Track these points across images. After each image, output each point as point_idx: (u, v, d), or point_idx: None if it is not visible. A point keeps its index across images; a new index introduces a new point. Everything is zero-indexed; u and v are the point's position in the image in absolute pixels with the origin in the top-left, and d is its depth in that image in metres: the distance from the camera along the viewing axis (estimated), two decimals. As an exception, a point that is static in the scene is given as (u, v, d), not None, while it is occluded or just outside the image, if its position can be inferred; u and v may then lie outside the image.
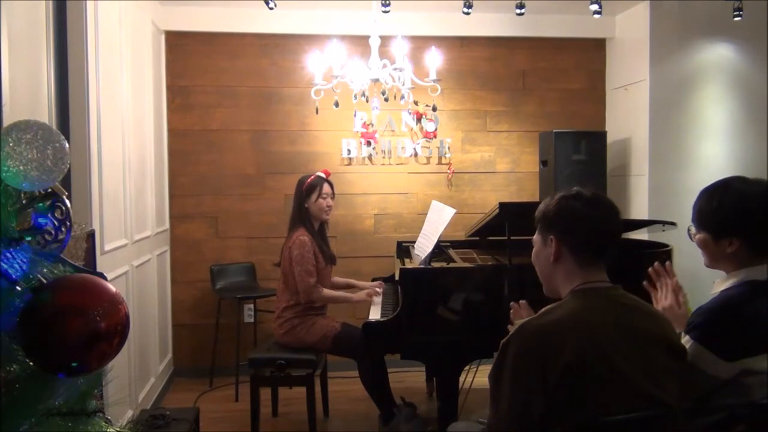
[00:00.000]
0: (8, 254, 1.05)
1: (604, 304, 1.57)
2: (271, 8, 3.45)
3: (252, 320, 4.63)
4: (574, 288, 1.60)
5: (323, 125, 4.68)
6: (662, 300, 1.91)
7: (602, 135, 4.56)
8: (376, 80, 3.44)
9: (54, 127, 1.89)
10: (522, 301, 1.91)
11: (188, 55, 4.62)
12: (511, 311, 1.92)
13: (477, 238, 3.92)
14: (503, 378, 1.52)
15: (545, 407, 1.45)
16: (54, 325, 1.04)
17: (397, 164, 4.81)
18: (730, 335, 1.62)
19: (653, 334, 1.55)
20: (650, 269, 1.97)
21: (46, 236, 1.17)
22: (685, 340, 1.66)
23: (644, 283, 1.97)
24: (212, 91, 4.66)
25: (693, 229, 1.79)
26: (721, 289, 1.73)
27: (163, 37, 4.52)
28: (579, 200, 1.63)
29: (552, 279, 1.67)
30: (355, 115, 4.68)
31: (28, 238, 1.13)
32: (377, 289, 3.62)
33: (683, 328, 1.84)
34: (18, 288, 1.06)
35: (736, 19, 3.82)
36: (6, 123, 1.15)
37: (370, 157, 4.77)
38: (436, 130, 4.78)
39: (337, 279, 3.80)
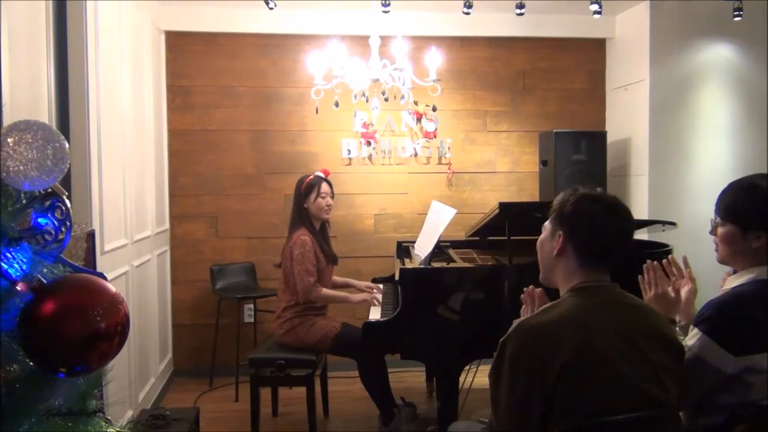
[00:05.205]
0: (8, 254, 1.05)
1: (602, 303, 1.57)
2: (271, 8, 3.45)
3: (252, 320, 4.62)
4: (572, 286, 1.60)
5: (323, 125, 4.68)
6: (653, 287, 1.90)
7: (602, 135, 4.56)
8: (376, 80, 3.43)
9: (54, 127, 1.89)
10: (538, 289, 1.82)
11: (188, 55, 4.62)
12: (523, 295, 1.87)
13: (477, 238, 3.92)
14: (501, 376, 1.52)
15: (544, 406, 1.45)
16: (54, 325, 1.05)
17: (397, 164, 4.81)
18: (739, 330, 1.62)
19: (651, 333, 1.55)
20: (664, 262, 1.96)
21: (46, 236, 1.17)
22: (694, 333, 1.66)
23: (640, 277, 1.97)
24: (212, 91, 4.66)
25: (718, 220, 1.77)
26: (734, 285, 1.73)
27: (163, 37, 4.52)
28: (597, 203, 1.62)
29: (551, 270, 1.68)
30: (355, 115, 4.68)
31: (28, 238, 1.13)
32: (377, 294, 3.62)
33: (674, 314, 1.85)
34: (18, 288, 1.06)
35: (736, 19, 3.82)
36: (6, 123, 1.15)
37: (370, 157, 4.77)
38: (436, 130, 4.78)
39: (336, 278, 3.80)
